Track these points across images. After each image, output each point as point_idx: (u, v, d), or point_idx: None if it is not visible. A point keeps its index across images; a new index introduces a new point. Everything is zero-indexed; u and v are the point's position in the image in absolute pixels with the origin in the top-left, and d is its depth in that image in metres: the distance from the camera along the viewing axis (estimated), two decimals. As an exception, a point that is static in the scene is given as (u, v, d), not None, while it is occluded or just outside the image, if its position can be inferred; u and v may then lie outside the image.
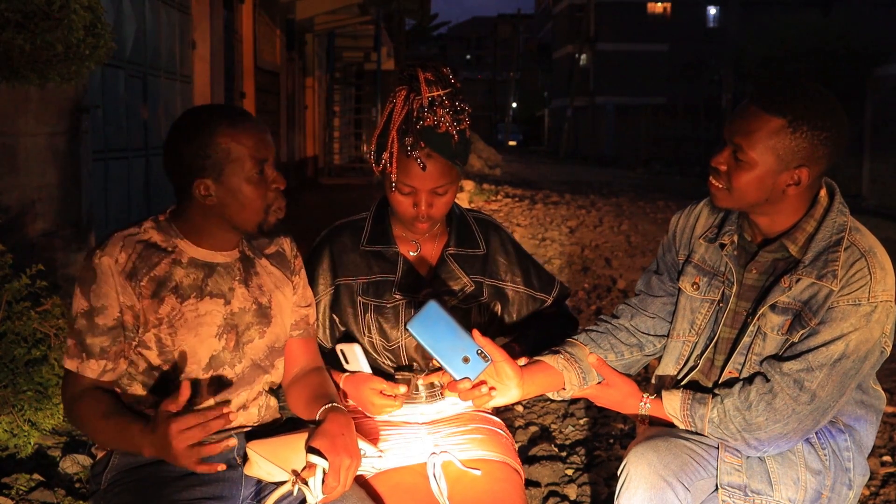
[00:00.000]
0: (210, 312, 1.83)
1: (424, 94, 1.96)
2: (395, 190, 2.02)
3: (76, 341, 1.80)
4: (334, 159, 18.90)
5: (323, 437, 1.72)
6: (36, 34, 2.96)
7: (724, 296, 1.93)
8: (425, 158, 1.96)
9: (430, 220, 2.05)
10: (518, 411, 3.89)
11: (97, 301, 1.77)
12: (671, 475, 1.76)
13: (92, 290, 1.77)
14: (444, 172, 1.99)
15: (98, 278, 1.77)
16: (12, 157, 3.83)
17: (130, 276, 1.77)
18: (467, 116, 2.02)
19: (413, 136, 1.95)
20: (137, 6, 6.44)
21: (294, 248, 2.02)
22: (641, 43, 36.93)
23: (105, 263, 1.77)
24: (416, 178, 1.98)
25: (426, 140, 1.95)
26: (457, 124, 1.98)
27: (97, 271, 1.77)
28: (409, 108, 1.97)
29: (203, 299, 1.83)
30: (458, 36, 76.71)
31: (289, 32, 13.26)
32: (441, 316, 1.71)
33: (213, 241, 1.85)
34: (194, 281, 1.83)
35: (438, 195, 2.03)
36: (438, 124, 1.96)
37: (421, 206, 2.02)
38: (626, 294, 6.50)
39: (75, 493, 2.76)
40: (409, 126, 1.96)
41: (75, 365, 1.80)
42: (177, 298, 1.80)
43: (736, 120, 1.81)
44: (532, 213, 11.86)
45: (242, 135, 1.77)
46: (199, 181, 1.77)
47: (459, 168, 2.03)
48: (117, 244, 1.79)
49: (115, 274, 1.76)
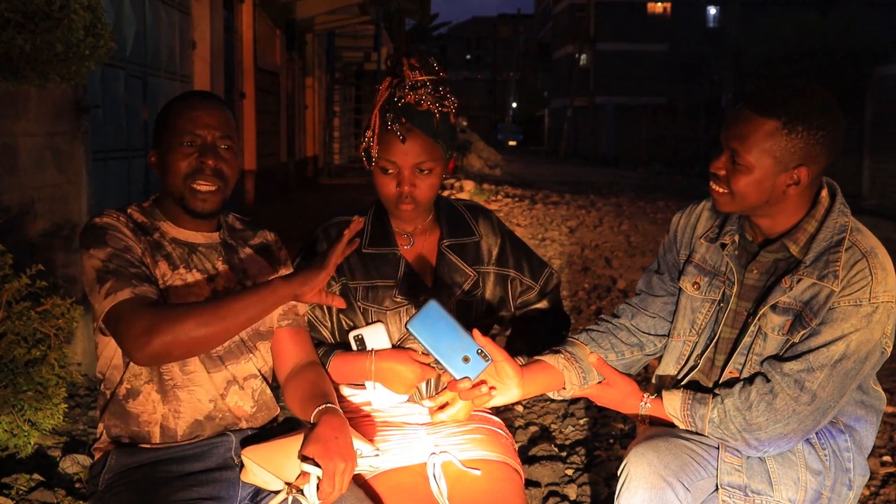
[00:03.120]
0: (197, 284, 1.87)
1: (408, 78, 1.99)
2: (378, 168, 2.03)
3: (116, 278, 1.72)
4: (334, 159, 18.91)
5: (315, 444, 1.71)
6: (36, 34, 2.95)
7: (724, 296, 1.93)
8: (405, 132, 1.98)
9: (413, 201, 2.03)
10: (518, 411, 3.89)
11: (119, 243, 1.80)
12: (671, 475, 1.76)
13: (109, 238, 1.80)
14: (426, 149, 2.00)
15: (109, 229, 1.82)
16: (12, 157, 3.83)
17: (134, 231, 1.84)
18: (453, 106, 2.03)
19: (394, 112, 1.98)
20: (137, 6, 6.44)
21: (279, 242, 2.07)
22: (641, 43, 36.96)
23: (109, 220, 1.83)
24: (396, 152, 1.99)
25: (407, 116, 1.98)
26: (439, 105, 2.00)
27: (105, 226, 1.82)
28: (392, 90, 2.01)
29: (191, 271, 1.87)
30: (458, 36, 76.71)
31: (289, 32, 13.26)
32: (441, 315, 1.71)
33: (185, 222, 1.91)
34: (181, 255, 1.88)
35: (421, 174, 2.01)
36: (419, 102, 1.98)
37: (404, 186, 2.01)
38: (626, 294, 6.50)
39: (75, 493, 2.75)
40: (391, 105, 1.99)
41: (129, 292, 1.70)
42: (168, 265, 1.85)
43: (731, 124, 1.81)
44: (532, 213, 11.87)
45: (185, 109, 1.88)
46: (152, 151, 1.90)
47: (443, 149, 2.03)
48: (112, 212, 1.87)
49: (122, 224, 1.83)
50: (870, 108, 15.38)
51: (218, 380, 1.87)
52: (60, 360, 2.85)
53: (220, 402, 1.87)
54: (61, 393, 2.84)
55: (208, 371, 1.86)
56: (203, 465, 1.82)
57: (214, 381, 1.86)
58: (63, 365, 2.88)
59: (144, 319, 1.68)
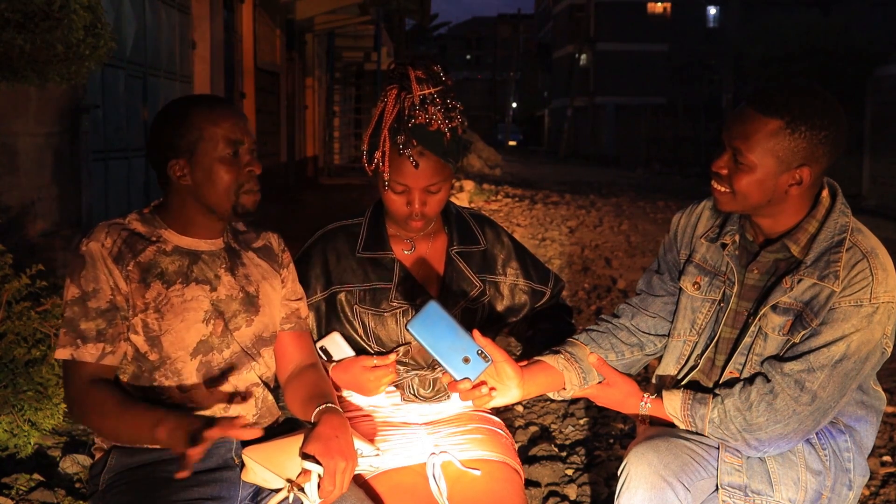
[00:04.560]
0: (196, 298, 1.84)
1: (416, 93, 1.95)
2: (388, 189, 2.01)
3: (68, 329, 1.77)
4: (334, 159, 18.90)
5: (316, 442, 1.71)
6: (36, 34, 2.95)
7: (725, 296, 1.93)
8: (418, 156, 1.96)
9: (423, 218, 2.04)
10: (518, 411, 3.89)
11: (88, 285, 1.77)
12: (671, 475, 1.76)
13: (82, 277, 1.78)
14: (437, 170, 1.99)
15: (87, 263, 1.78)
16: (12, 157, 3.83)
17: (117, 259, 1.79)
18: (459, 114, 2.01)
19: (405, 134, 1.95)
20: (137, 6, 6.44)
21: (282, 244, 2.03)
22: (641, 43, 36.93)
23: (93, 248, 1.79)
24: (408, 176, 1.98)
25: (418, 138, 1.95)
26: (448, 122, 1.98)
27: (85, 258, 1.79)
28: (401, 107, 1.97)
29: (189, 285, 1.84)
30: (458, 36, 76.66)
31: (289, 32, 13.26)
32: (441, 316, 1.71)
33: (195, 230, 1.87)
34: (179, 268, 1.84)
35: (432, 193, 2.02)
36: (430, 122, 1.95)
37: (415, 205, 2.01)
38: (626, 294, 6.50)
39: (75, 493, 2.75)
40: (401, 124, 1.96)
41: (69, 353, 1.75)
42: (162, 284, 1.82)
43: (734, 123, 1.80)
44: (532, 213, 11.86)
45: (217, 116, 1.81)
46: (174, 161, 1.81)
47: (452, 166, 2.02)
48: (103, 230, 1.82)
49: (104, 258, 1.78)
50: (870, 108, 15.38)
51: (218, 394, 1.86)
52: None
53: (221, 415, 1.85)
54: (61, 393, 2.83)
55: (208, 388, 1.85)
56: (204, 464, 1.81)
57: (215, 396, 1.86)
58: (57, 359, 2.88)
59: (71, 391, 1.77)
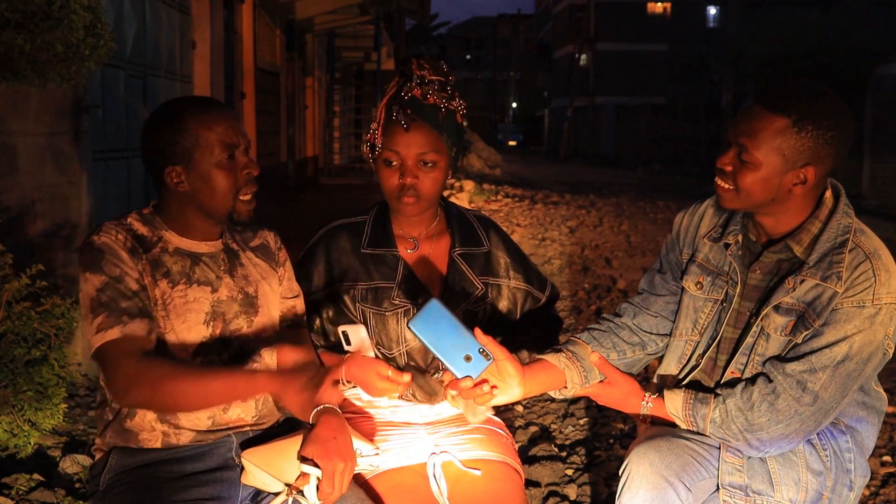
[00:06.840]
0: (198, 299, 1.83)
1: (415, 74, 2.02)
2: (381, 160, 2.03)
3: (108, 312, 1.69)
4: (334, 159, 18.89)
5: (314, 444, 1.70)
6: (36, 34, 2.95)
7: (727, 295, 1.93)
8: (410, 121, 1.98)
9: (416, 194, 2.02)
10: (518, 411, 3.89)
11: (113, 270, 1.73)
12: (673, 475, 1.76)
13: (104, 265, 1.73)
14: (430, 140, 2.00)
15: (106, 253, 1.74)
16: (12, 157, 3.83)
17: (132, 253, 1.77)
18: (461, 107, 2.05)
19: (400, 104, 2.00)
20: (137, 6, 6.44)
21: (278, 241, 2.03)
22: (641, 43, 36.93)
23: (107, 240, 1.76)
24: (400, 142, 1.99)
25: (412, 108, 2.00)
26: (446, 101, 2.01)
27: (103, 248, 1.75)
28: (400, 86, 2.03)
29: (191, 286, 1.83)
30: (458, 36, 76.62)
31: (289, 32, 13.26)
32: (443, 314, 1.70)
33: (194, 232, 1.86)
34: (182, 268, 1.83)
35: (425, 167, 2.01)
36: (426, 96, 2.00)
37: (406, 177, 2.01)
38: (626, 294, 6.50)
39: (75, 493, 2.75)
40: (398, 99, 2.01)
41: (118, 332, 1.67)
42: (168, 283, 1.80)
43: (740, 120, 1.80)
44: (532, 213, 11.86)
45: (211, 121, 1.79)
46: (171, 168, 1.79)
47: (447, 144, 2.03)
48: (111, 227, 1.79)
49: (120, 249, 1.76)
50: (870, 108, 15.37)
51: None
52: (60, 360, 2.85)
53: (220, 416, 1.85)
54: (61, 393, 2.83)
55: None
56: (204, 465, 1.81)
57: None
58: (63, 365, 2.87)
59: (129, 369, 1.67)
